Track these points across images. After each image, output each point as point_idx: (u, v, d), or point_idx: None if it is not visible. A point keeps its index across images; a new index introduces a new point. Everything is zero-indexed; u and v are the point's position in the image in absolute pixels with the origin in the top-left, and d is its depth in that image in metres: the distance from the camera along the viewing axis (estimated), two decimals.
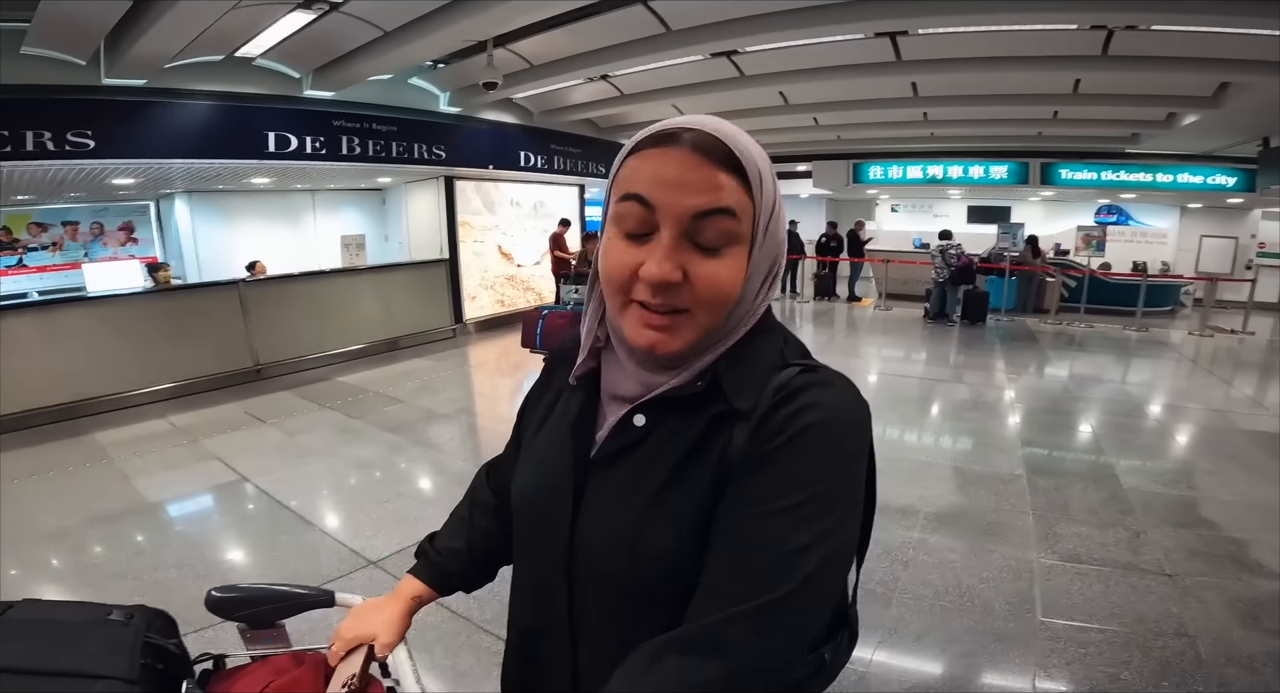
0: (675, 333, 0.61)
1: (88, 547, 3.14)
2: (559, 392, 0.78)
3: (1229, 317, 9.82)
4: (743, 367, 0.64)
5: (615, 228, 0.62)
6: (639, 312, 0.61)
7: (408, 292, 7.97)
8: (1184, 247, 12.70)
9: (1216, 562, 2.94)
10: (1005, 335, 8.86)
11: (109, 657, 0.80)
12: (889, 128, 9.84)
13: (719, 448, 0.62)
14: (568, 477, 0.69)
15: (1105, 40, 5.41)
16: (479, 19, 4.88)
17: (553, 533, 0.69)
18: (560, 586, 0.68)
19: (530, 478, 0.75)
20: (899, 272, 11.42)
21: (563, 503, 0.68)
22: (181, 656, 0.89)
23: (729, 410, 0.62)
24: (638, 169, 0.60)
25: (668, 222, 0.58)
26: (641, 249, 0.60)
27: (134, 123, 5.37)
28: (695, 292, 0.59)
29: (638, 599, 0.64)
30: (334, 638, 0.87)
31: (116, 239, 9.11)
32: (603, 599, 0.66)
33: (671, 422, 0.65)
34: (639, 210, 0.59)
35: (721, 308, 0.61)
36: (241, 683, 0.87)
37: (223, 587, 0.93)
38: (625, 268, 0.60)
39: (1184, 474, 4.03)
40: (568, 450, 0.70)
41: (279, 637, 0.95)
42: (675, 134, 0.59)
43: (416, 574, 0.92)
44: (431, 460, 4.26)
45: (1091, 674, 2.20)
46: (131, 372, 5.49)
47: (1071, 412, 5.34)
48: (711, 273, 0.59)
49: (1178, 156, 10.44)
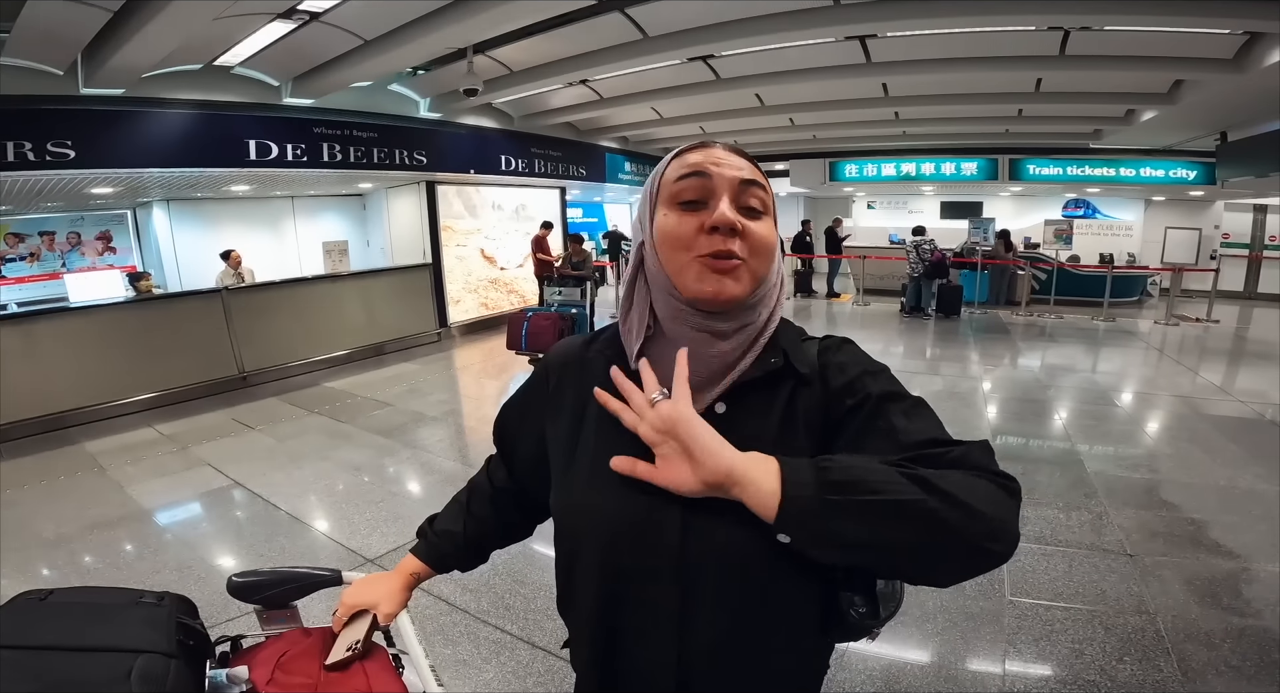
0: (738, 277, 0.70)
1: (87, 553, 3.18)
2: (581, 403, 0.80)
3: (1194, 305, 10.13)
4: (791, 342, 0.77)
5: (672, 205, 0.73)
6: (703, 262, 0.70)
7: (392, 296, 7.99)
8: (1149, 238, 13.01)
9: (1175, 542, 3.07)
10: (979, 328, 9.08)
11: (148, 633, 0.86)
12: (863, 127, 10.00)
13: (801, 412, 0.74)
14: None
15: (1062, 40, 5.59)
16: (460, 27, 4.94)
17: (659, 547, 0.71)
18: (669, 590, 0.71)
19: (612, 499, 0.73)
20: (876, 267, 11.61)
21: (670, 515, 0.70)
22: (205, 636, 0.96)
23: (797, 379, 0.75)
24: (686, 158, 0.74)
25: (723, 185, 0.72)
26: (699, 215, 0.71)
27: (114, 132, 5.37)
28: (750, 242, 0.71)
29: (757, 586, 0.70)
30: (339, 605, 0.94)
31: (94, 249, 9.01)
32: (722, 590, 0.70)
33: (750, 402, 0.74)
34: (697, 182, 0.72)
35: (768, 259, 0.73)
36: (259, 656, 0.95)
37: (242, 573, 1.01)
38: (690, 226, 0.71)
39: (1147, 458, 4.19)
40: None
41: (292, 617, 1.03)
42: (708, 142, 0.76)
43: (416, 553, 1.00)
44: (422, 461, 4.32)
45: (1057, 650, 2.31)
46: (117, 381, 5.49)
47: (1041, 400, 5.53)
48: (757, 228, 0.72)
49: (1140, 151, 10.73)
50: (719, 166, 0.72)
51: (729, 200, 0.71)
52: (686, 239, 0.71)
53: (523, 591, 2.71)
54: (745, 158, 0.75)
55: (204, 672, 0.89)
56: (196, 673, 0.87)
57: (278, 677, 0.90)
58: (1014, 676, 2.20)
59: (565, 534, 0.81)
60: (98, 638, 0.84)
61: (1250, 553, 2.94)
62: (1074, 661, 2.26)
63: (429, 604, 2.62)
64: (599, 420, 0.77)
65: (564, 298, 6.31)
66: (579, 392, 0.81)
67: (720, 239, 0.69)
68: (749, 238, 0.71)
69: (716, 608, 0.71)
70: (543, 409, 0.86)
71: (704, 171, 0.71)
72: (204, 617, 0.97)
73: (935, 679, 2.20)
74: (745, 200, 0.72)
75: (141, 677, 0.78)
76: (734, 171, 0.72)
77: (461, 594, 2.67)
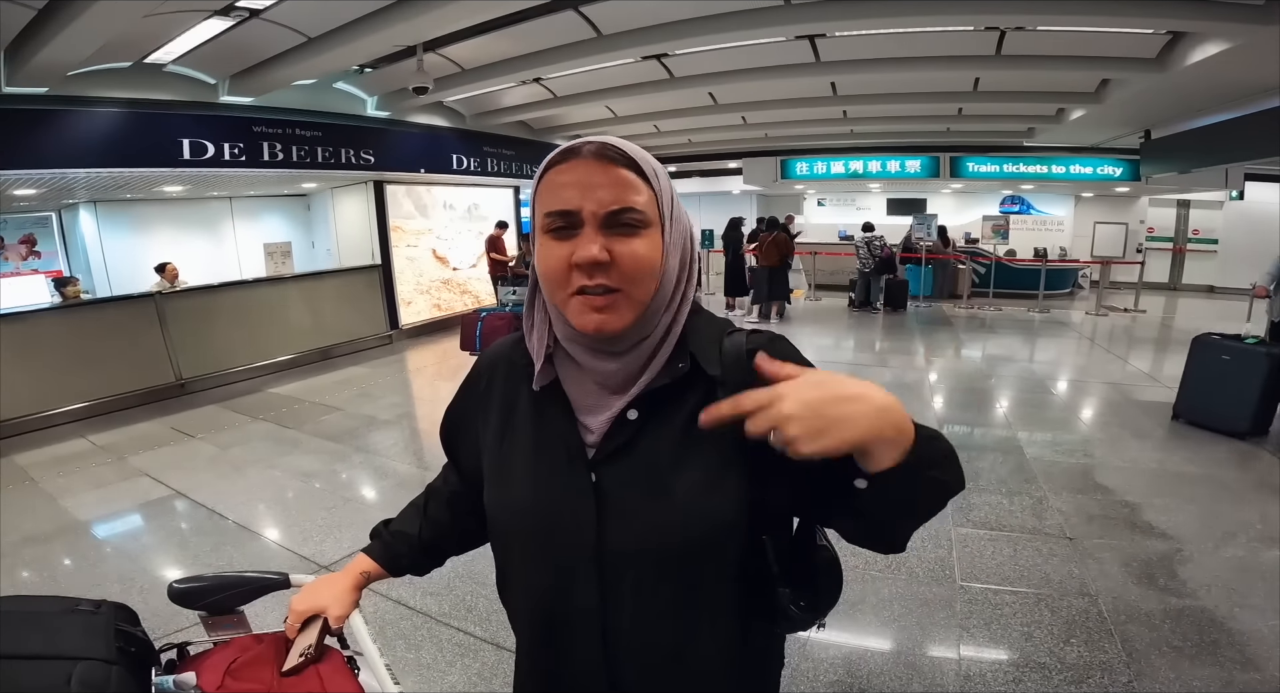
0: (616, 311, 0.68)
1: (22, 569, 3.00)
2: (509, 403, 0.81)
3: (1122, 296, 10.68)
4: (702, 343, 0.74)
5: (544, 235, 0.70)
6: (579, 300, 0.68)
7: (339, 299, 7.77)
8: (1080, 233, 13.59)
9: (1112, 525, 3.19)
10: (924, 320, 9.38)
11: (87, 640, 0.84)
12: (813, 125, 10.20)
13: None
14: (582, 482, 0.73)
15: (998, 40, 5.83)
16: (409, 24, 4.84)
17: (577, 541, 0.72)
18: (589, 586, 0.73)
19: (526, 495, 0.76)
20: (826, 263, 11.86)
21: (584, 508, 0.72)
22: (147, 644, 0.93)
23: (708, 381, 0.72)
24: (552, 182, 0.69)
25: (588, 217, 0.67)
26: (570, 243, 0.68)
27: (36, 132, 5.08)
28: (622, 269, 0.67)
29: (675, 573, 0.71)
30: (288, 612, 0.92)
31: (18, 253, 8.48)
32: (640, 586, 0.72)
33: (661, 407, 0.73)
34: (562, 217, 0.68)
35: (647, 281, 0.69)
36: (208, 663, 0.91)
37: (183, 578, 0.97)
38: (560, 260, 0.68)
39: (1081, 443, 4.38)
40: (563, 458, 0.74)
41: (239, 622, 1.00)
42: (577, 149, 0.69)
43: (369, 553, 0.97)
44: (375, 466, 4.22)
45: (1008, 633, 2.38)
46: (45, 391, 5.19)
47: (983, 390, 5.75)
48: (631, 250, 0.67)
49: (1070, 149, 11.22)
50: (585, 196, 0.67)
51: (593, 231, 0.67)
52: (560, 275, 0.68)
53: (485, 592, 2.66)
54: (622, 160, 0.68)
55: (149, 679, 0.86)
56: (140, 680, 0.84)
57: (228, 683, 0.88)
58: (969, 659, 2.26)
59: (496, 531, 0.82)
60: (35, 646, 0.81)
61: (1182, 534, 3.07)
62: (1024, 644, 2.32)
63: (389, 609, 2.56)
64: (528, 418, 0.78)
65: (519, 298, 6.26)
66: (507, 391, 0.82)
67: (586, 276, 0.67)
68: (621, 264, 0.67)
69: (637, 606, 0.72)
70: (476, 412, 0.86)
71: (568, 211, 0.67)
72: (151, 628, 0.94)
73: (894, 665, 2.25)
74: (617, 222, 0.67)
75: (82, 683, 0.76)
76: (601, 195, 0.66)
77: (422, 598, 2.62)
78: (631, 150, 0.70)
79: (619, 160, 0.69)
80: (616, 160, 0.68)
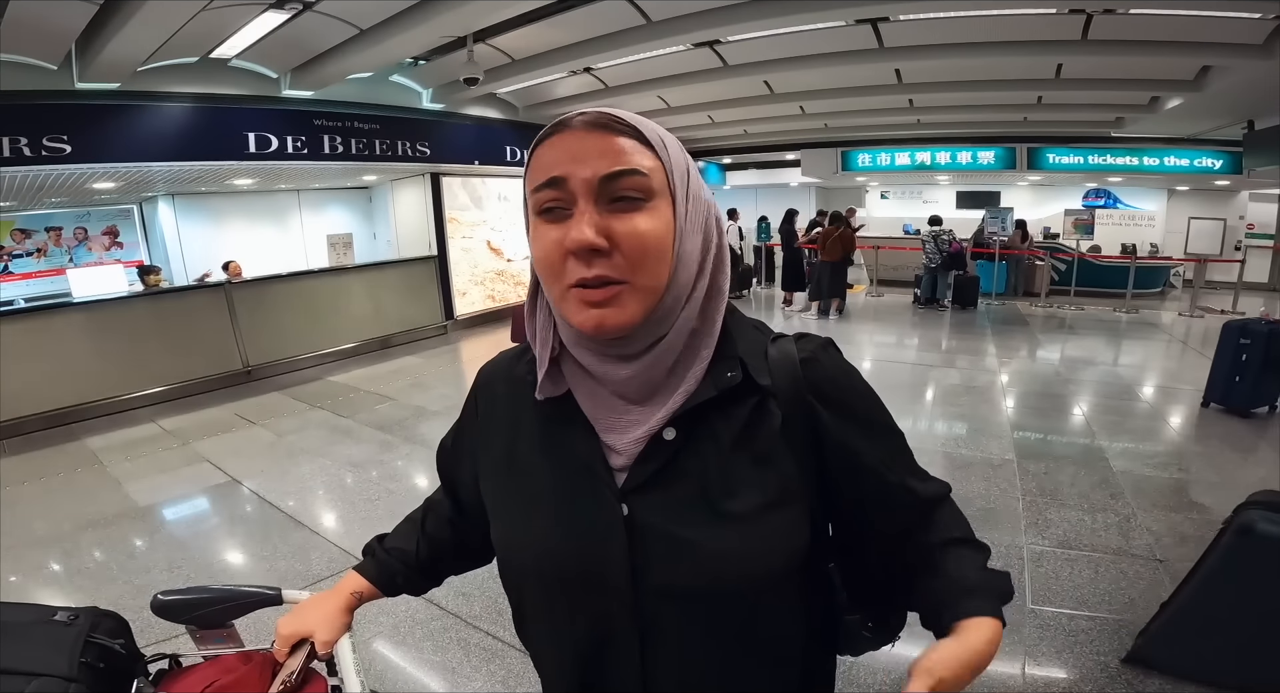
0: (619, 305, 0.58)
1: (79, 552, 3.12)
2: (514, 424, 0.72)
3: (1219, 297, 9.84)
4: (750, 348, 0.65)
5: (536, 217, 0.60)
6: (576, 294, 0.58)
7: (397, 289, 7.93)
8: (1172, 229, 12.66)
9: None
10: (996, 319, 8.86)
11: (47, 655, 0.80)
12: (875, 115, 9.78)
13: (767, 427, 0.64)
14: (612, 515, 0.63)
15: (1085, 24, 5.37)
16: (456, 14, 4.83)
17: (611, 586, 0.63)
18: (629, 638, 0.64)
19: (542, 533, 0.66)
20: (889, 258, 11.43)
21: (616, 547, 0.63)
22: (129, 655, 0.89)
23: (756, 391, 0.64)
24: (541, 157, 0.59)
25: (580, 190, 0.57)
26: (563, 225, 0.58)
27: (110, 126, 5.32)
28: (625, 252, 0.57)
29: (729, 616, 0.63)
30: (275, 636, 0.85)
31: (101, 243, 9.03)
32: (689, 633, 0.63)
33: (704, 423, 0.63)
34: (552, 191, 0.58)
35: (656, 267, 0.58)
36: (188, 682, 0.86)
37: (168, 591, 0.92)
38: (554, 245, 0.58)
39: (1175, 457, 4.01)
40: (586, 487, 0.64)
41: (230, 637, 0.94)
42: (568, 120, 0.59)
43: (361, 571, 0.89)
44: (422, 458, 4.23)
45: (1081, 662, 2.17)
46: (121, 376, 5.47)
47: (1062, 395, 5.34)
48: (633, 228, 0.57)
49: (1164, 140, 10.42)
50: (576, 163, 0.57)
51: (589, 207, 0.57)
52: (555, 265, 0.58)
53: None
54: (617, 127, 0.58)
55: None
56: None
57: None
58: (1035, 691, 2.06)
59: (507, 573, 0.72)
60: None
61: None
62: (1099, 675, 2.11)
63: (420, 607, 2.51)
64: (538, 440, 0.69)
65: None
66: (511, 410, 0.72)
67: (583, 265, 0.57)
68: (623, 247, 0.56)
69: (686, 655, 0.64)
70: (474, 441, 0.77)
71: (556, 178, 0.57)
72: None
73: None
74: (616, 193, 0.57)
75: None
76: (592, 169, 0.56)
77: (454, 598, 2.57)
78: (632, 118, 0.60)
79: (615, 129, 0.59)
80: (612, 129, 0.58)
